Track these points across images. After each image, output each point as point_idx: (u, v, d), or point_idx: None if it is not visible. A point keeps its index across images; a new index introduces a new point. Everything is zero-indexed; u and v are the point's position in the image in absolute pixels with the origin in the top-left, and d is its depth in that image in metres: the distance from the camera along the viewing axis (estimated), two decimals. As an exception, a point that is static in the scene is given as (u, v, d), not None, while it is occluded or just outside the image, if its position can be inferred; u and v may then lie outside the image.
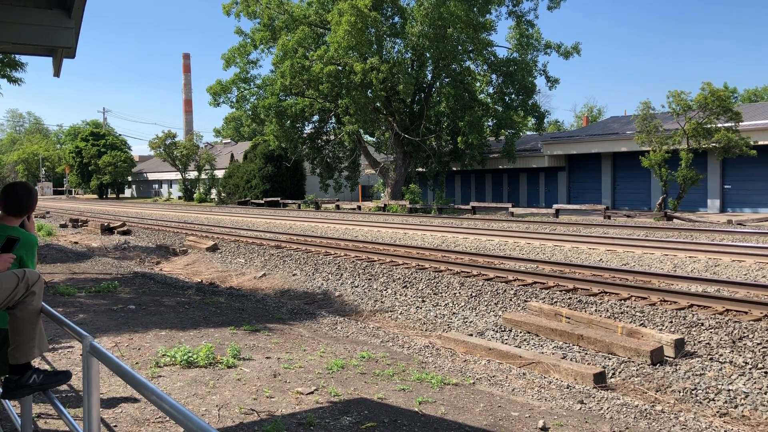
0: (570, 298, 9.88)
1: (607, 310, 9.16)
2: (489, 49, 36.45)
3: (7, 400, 3.79)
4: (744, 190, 30.46)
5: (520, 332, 8.67)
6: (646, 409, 5.38)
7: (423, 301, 11.00)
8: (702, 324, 8.14)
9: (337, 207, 40.60)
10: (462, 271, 12.53)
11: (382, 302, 11.34)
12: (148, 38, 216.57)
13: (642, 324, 8.47)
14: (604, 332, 7.90)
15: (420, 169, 40.75)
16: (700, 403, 6.34)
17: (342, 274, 13.48)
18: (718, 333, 7.83)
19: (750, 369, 6.87)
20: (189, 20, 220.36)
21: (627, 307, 9.14)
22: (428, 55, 35.99)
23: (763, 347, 7.30)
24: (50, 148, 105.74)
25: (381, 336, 8.14)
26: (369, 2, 32.17)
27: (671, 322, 8.38)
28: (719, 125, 26.39)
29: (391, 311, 10.81)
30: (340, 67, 34.87)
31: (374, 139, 43.58)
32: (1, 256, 3.42)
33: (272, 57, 37.70)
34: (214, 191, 58.80)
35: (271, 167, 49.61)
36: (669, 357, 7.21)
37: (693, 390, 6.53)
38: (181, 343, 6.74)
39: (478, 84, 39.24)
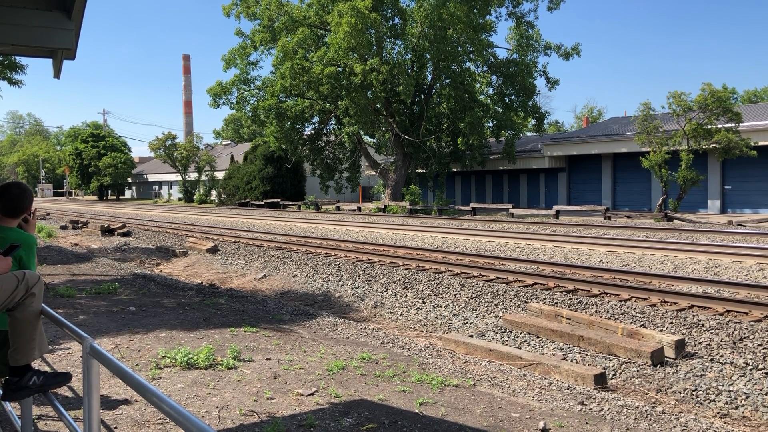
0: (570, 299, 9.87)
1: (608, 311, 9.15)
2: (489, 50, 36.48)
3: (7, 402, 3.79)
4: (744, 191, 30.45)
5: (521, 333, 8.66)
6: (646, 410, 5.37)
7: (423, 303, 10.99)
8: (702, 325, 8.13)
9: (338, 208, 40.60)
10: (462, 273, 12.52)
11: (382, 303, 11.33)
12: (149, 40, 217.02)
13: (642, 325, 8.46)
14: (604, 333, 7.89)
15: (420, 170, 40.75)
16: (701, 404, 6.33)
17: (342, 276, 13.48)
18: (718, 334, 7.83)
19: (751, 370, 6.87)
20: (189, 21, 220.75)
21: (627, 308, 9.14)
22: (428, 56, 36.00)
23: (764, 348, 7.29)
24: (50, 150, 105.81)
25: (381, 337, 8.13)
26: (369, 3, 32.19)
27: (672, 323, 8.38)
28: (719, 126, 26.39)
29: (391, 312, 10.80)
30: (340, 69, 34.88)
31: (374, 141, 43.58)
32: (1, 259, 3.42)
33: (272, 58, 37.78)
34: (214, 192, 58.81)
35: (271, 168, 49.61)
36: (669, 358, 7.21)
37: (694, 391, 6.52)
38: (182, 345, 6.74)
39: (478, 85, 39.25)
